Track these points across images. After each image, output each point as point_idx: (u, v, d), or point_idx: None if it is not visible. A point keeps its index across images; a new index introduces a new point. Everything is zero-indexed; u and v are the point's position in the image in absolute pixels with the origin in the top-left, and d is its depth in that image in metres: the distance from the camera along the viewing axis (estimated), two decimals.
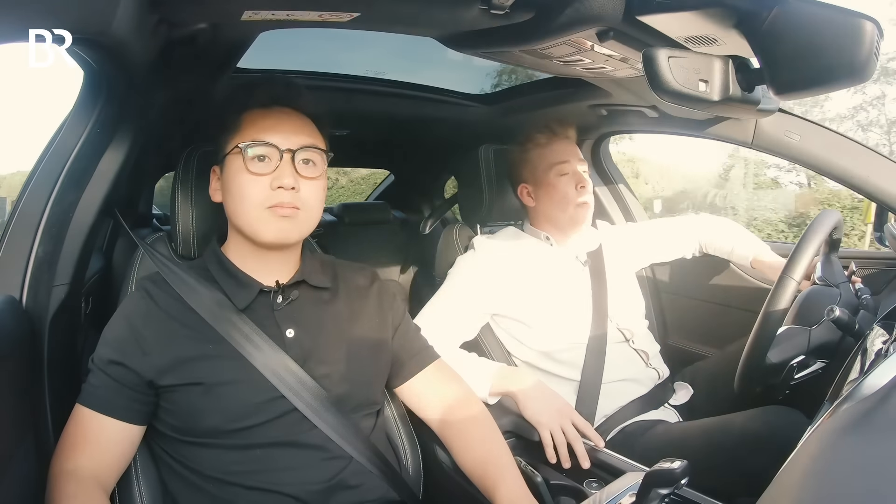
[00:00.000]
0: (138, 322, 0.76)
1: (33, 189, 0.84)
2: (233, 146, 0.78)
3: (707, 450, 0.98)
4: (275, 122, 0.78)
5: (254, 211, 0.76)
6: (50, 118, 0.95)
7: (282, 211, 0.76)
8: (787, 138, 1.13)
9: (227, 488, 0.73)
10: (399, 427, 0.95)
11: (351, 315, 0.86)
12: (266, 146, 0.76)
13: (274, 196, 0.76)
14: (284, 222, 0.77)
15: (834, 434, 0.43)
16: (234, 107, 0.81)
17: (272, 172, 0.76)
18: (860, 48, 0.60)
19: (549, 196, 1.26)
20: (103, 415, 0.74)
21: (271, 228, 0.77)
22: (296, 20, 0.72)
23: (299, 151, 0.78)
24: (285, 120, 0.79)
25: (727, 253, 1.41)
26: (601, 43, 0.80)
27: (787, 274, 0.95)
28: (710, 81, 0.69)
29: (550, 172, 1.25)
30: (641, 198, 3.18)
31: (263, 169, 0.76)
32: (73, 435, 0.74)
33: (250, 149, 0.76)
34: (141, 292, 0.80)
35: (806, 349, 0.95)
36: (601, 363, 1.20)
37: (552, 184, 1.25)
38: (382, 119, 1.74)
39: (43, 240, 0.83)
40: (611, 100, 1.31)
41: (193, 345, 0.75)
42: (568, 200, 1.24)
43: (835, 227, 1.02)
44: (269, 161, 0.77)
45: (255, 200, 0.76)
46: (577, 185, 1.24)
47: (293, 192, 0.76)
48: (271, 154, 0.77)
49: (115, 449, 0.74)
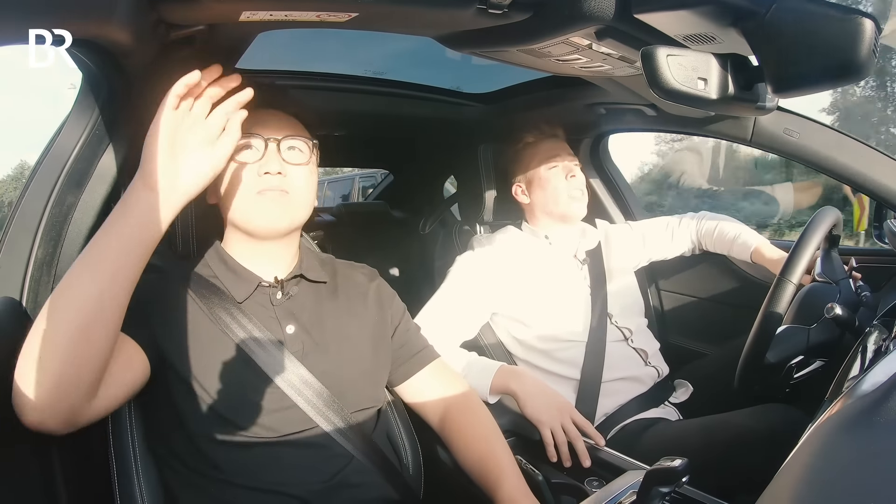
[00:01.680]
0: (143, 298, 0.74)
1: (33, 190, 0.84)
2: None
3: (707, 448, 0.98)
4: (259, 119, 0.80)
5: (243, 197, 0.78)
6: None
7: (269, 195, 0.77)
8: (786, 135, 1.13)
9: (228, 488, 0.73)
10: (399, 426, 0.95)
11: (350, 312, 0.86)
12: (251, 136, 0.78)
13: (261, 181, 0.77)
14: (274, 207, 0.78)
15: (834, 431, 0.43)
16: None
17: (259, 160, 0.78)
18: (859, 46, 0.60)
19: (541, 188, 1.29)
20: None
21: (262, 214, 0.78)
22: (294, 21, 0.72)
23: (284, 140, 0.80)
24: (270, 118, 0.81)
25: (726, 249, 1.41)
26: (599, 42, 0.79)
27: (784, 277, 0.94)
28: (709, 79, 0.69)
29: (541, 167, 1.28)
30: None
31: (250, 157, 0.78)
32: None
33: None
34: (142, 284, 0.79)
35: (805, 349, 0.95)
36: (601, 362, 1.20)
37: (543, 177, 1.28)
38: (381, 119, 1.75)
39: (43, 241, 0.83)
40: (609, 98, 1.31)
41: (193, 337, 0.75)
42: (559, 191, 1.27)
43: (834, 224, 1.02)
44: (256, 151, 0.78)
45: (243, 187, 0.78)
46: (566, 175, 1.27)
47: (280, 177, 0.77)
48: (257, 144, 0.78)
49: (118, 356, 0.68)
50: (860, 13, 0.60)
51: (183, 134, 0.66)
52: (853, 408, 0.47)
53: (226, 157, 0.69)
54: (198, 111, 0.67)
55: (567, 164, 1.29)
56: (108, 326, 0.63)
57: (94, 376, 0.63)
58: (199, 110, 0.67)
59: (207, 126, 0.67)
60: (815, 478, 0.37)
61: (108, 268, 0.62)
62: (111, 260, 0.63)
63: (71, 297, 0.61)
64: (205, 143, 0.67)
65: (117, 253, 0.63)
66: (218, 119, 0.68)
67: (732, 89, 0.71)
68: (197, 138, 0.67)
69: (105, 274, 0.62)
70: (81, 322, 0.60)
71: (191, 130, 0.67)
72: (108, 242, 0.63)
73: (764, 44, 0.67)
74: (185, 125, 0.66)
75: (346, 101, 1.54)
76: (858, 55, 0.60)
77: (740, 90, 0.72)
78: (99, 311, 0.61)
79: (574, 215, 1.30)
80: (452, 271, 1.26)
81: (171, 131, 0.65)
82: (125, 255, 0.63)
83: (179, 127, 0.66)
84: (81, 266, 0.63)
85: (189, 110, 0.67)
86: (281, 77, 1.39)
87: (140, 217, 0.64)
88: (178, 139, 0.66)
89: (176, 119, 0.65)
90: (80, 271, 0.62)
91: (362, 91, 1.56)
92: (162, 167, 0.64)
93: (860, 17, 0.60)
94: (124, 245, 0.63)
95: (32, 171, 0.88)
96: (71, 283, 0.62)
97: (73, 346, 0.60)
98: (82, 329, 0.60)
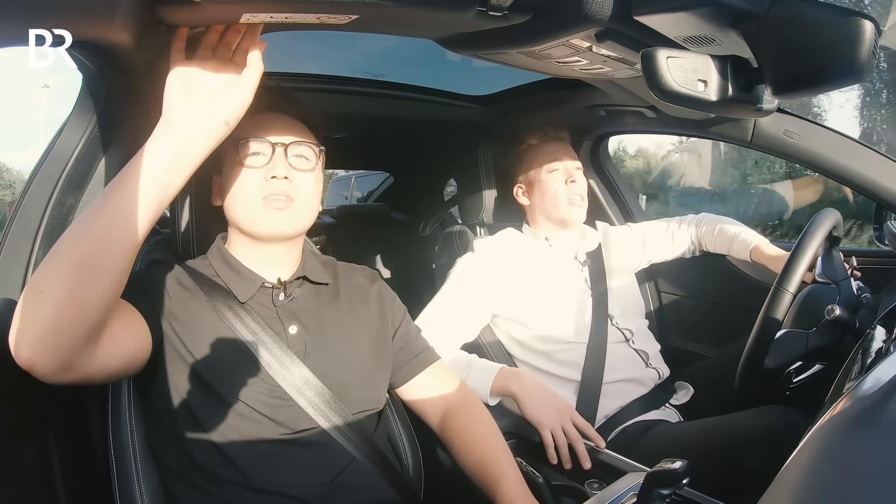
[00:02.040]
0: (150, 282, 0.76)
1: (33, 192, 0.85)
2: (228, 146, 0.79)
3: (708, 449, 0.98)
4: (267, 124, 0.80)
5: (249, 202, 0.78)
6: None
7: (276, 202, 0.77)
8: (786, 137, 1.13)
9: (229, 488, 0.73)
10: (399, 428, 0.95)
11: (352, 314, 0.87)
12: (259, 141, 0.79)
13: (267, 186, 0.77)
14: (279, 214, 0.78)
15: (834, 433, 0.43)
16: None
17: (266, 165, 0.78)
18: (859, 47, 0.60)
19: (541, 192, 1.29)
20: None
21: (267, 220, 0.78)
22: (294, 23, 0.72)
23: (291, 146, 0.80)
24: (277, 122, 0.81)
25: (726, 248, 1.40)
26: (599, 44, 0.79)
27: (782, 286, 0.94)
28: (709, 81, 0.69)
29: (542, 170, 1.29)
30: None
31: (257, 162, 0.78)
32: None
33: (244, 144, 0.78)
34: (149, 268, 0.80)
35: (804, 353, 0.95)
36: (601, 363, 1.20)
37: (543, 180, 1.29)
38: (381, 121, 1.75)
39: (43, 243, 0.83)
40: (609, 100, 1.31)
41: (197, 329, 0.76)
42: (559, 196, 1.27)
43: (833, 226, 1.01)
44: (263, 156, 0.79)
45: (249, 192, 0.78)
46: (567, 180, 1.27)
47: (286, 182, 0.78)
48: (264, 149, 0.79)
49: (124, 319, 0.69)
50: (860, 14, 0.60)
51: (202, 78, 0.64)
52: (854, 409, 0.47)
53: (251, 93, 0.65)
54: (216, 54, 0.66)
55: (568, 169, 1.29)
56: (112, 269, 0.60)
57: (94, 319, 0.61)
58: (218, 53, 0.66)
59: (228, 67, 0.66)
60: (816, 480, 0.37)
61: (118, 211, 0.60)
62: (121, 203, 0.60)
63: (78, 234, 0.60)
64: (228, 84, 0.64)
65: (130, 197, 0.60)
66: (238, 58, 0.66)
67: (732, 91, 0.71)
68: (220, 80, 0.65)
69: (114, 217, 0.60)
70: (85, 258, 0.59)
71: (211, 73, 0.65)
72: (125, 185, 0.60)
73: (764, 45, 0.67)
74: (205, 69, 0.65)
75: (347, 103, 1.54)
76: (858, 57, 0.60)
77: (740, 92, 0.72)
78: (103, 251, 0.59)
79: (572, 220, 1.30)
80: (452, 273, 1.26)
81: (183, 78, 0.63)
82: (140, 198, 0.60)
83: (197, 72, 0.64)
84: (94, 207, 0.61)
85: (206, 55, 0.65)
86: (280, 79, 1.39)
87: (159, 162, 0.61)
88: (197, 83, 0.64)
89: (190, 65, 0.64)
90: (91, 212, 0.61)
91: (363, 93, 1.56)
92: (180, 114, 0.62)
93: (860, 19, 0.60)
94: (141, 188, 0.60)
95: (32, 172, 0.88)
96: (81, 221, 0.61)
97: (74, 280, 0.58)
98: (85, 264, 0.58)
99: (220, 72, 0.65)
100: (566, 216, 1.28)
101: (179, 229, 0.90)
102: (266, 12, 0.65)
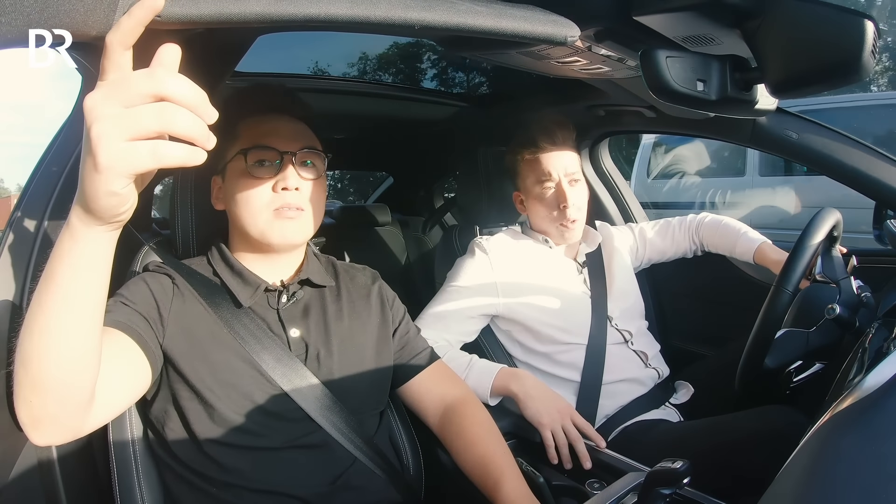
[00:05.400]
0: (151, 300, 0.75)
1: (33, 193, 0.85)
2: (233, 153, 0.79)
3: (708, 449, 0.98)
4: (272, 128, 0.80)
5: (260, 215, 0.77)
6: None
7: (288, 213, 0.77)
8: (786, 136, 1.13)
9: (231, 489, 0.73)
10: (400, 428, 0.95)
11: (354, 315, 0.87)
12: (266, 150, 0.78)
13: (278, 198, 0.77)
14: (291, 224, 0.78)
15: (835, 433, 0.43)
16: (230, 116, 0.81)
17: (275, 175, 0.77)
18: (858, 46, 0.60)
19: (535, 210, 1.28)
20: (114, 329, 0.66)
21: (278, 232, 0.78)
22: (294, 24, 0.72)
23: (299, 154, 0.79)
24: (282, 125, 0.81)
25: (728, 250, 1.40)
26: (599, 44, 0.80)
27: (781, 286, 0.94)
28: (708, 81, 0.69)
29: (536, 187, 1.26)
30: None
31: (265, 173, 0.78)
32: None
33: (251, 153, 0.78)
34: (150, 274, 0.79)
35: (804, 353, 0.95)
36: (601, 364, 1.20)
37: (538, 198, 1.27)
38: (381, 121, 1.75)
39: (43, 244, 0.83)
40: (608, 100, 1.32)
41: (199, 339, 0.75)
42: (552, 218, 1.25)
43: (833, 226, 1.01)
44: (271, 165, 0.78)
45: (260, 204, 0.77)
46: (559, 204, 1.23)
47: (297, 193, 0.77)
48: (272, 158, 0.78)
49: (119, 360, 0.65)
50: (859, 14, 0.60)
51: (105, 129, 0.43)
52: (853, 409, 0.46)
53: (130, 175, 0.44)
54: (127, 99, 0.43)
55: (561, 191, 1.22)
56: (73, 347, 0.53)
57: (80, 395, 0.56)
58: (128, 98, 0.43)
59: (130, 121, 0.43)
60: (817, 479, 0.37)
61: (57, 304, 0.51)
62: (55, 296, 0.51)
63: (26, 328, 0.53)
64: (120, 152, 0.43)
65: (59, 288, 0.51)
66: (146, 116, 0.42)
67: (731, 91, 0.71)
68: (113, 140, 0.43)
69: (56, 310, 0.51)
70: (40, 348, 0.52)
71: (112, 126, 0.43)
72: (50, 278, 0.51)
73: (762, 45, 0.67)
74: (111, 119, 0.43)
75: (347, 103, 1.54)
76: (858, 56, 0.60)
77: (739, 91, 0.72)
78: (52, 340, 0.52)
79: (564, 240, 1.29)
80: (452, 274, 1.26)
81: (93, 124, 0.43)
82: (66, 289, 0.51)
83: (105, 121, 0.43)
84: (34, 301, 0.52)
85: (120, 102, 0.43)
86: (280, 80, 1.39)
87: (72, 250, 0.52)
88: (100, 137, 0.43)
89: (104, 108, 0.43)
90: (33, 309, 0.52)
91: (363, 94, 1.56)
92: (87, 186, 0.47)
93: (859, 18, 0.60)
94: (65, 278, 0.51)
95: (32, 174, 0.88)
96: (28, 313, 0.53)
97: (38, 367, 0.53)
98: (42, 354, 0.52)
99: (119, 129, 0.43)
100: (557, 237, 1.28)
101: (179, 230, 0.90)
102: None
